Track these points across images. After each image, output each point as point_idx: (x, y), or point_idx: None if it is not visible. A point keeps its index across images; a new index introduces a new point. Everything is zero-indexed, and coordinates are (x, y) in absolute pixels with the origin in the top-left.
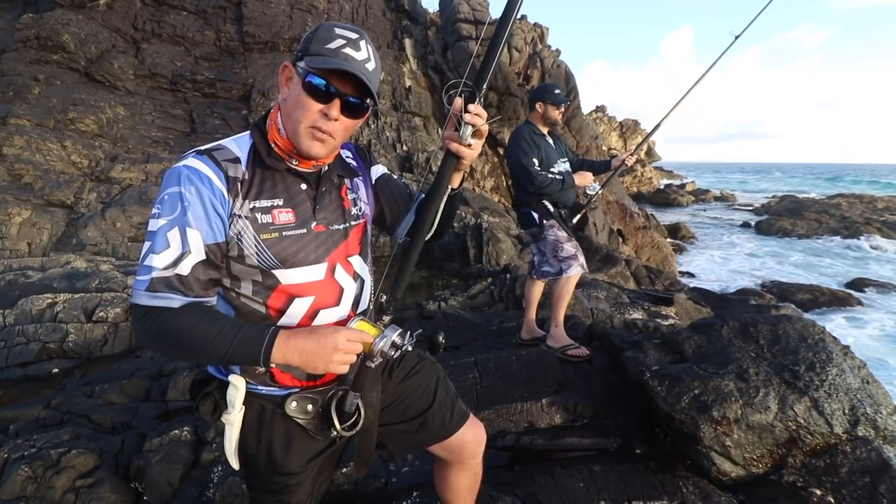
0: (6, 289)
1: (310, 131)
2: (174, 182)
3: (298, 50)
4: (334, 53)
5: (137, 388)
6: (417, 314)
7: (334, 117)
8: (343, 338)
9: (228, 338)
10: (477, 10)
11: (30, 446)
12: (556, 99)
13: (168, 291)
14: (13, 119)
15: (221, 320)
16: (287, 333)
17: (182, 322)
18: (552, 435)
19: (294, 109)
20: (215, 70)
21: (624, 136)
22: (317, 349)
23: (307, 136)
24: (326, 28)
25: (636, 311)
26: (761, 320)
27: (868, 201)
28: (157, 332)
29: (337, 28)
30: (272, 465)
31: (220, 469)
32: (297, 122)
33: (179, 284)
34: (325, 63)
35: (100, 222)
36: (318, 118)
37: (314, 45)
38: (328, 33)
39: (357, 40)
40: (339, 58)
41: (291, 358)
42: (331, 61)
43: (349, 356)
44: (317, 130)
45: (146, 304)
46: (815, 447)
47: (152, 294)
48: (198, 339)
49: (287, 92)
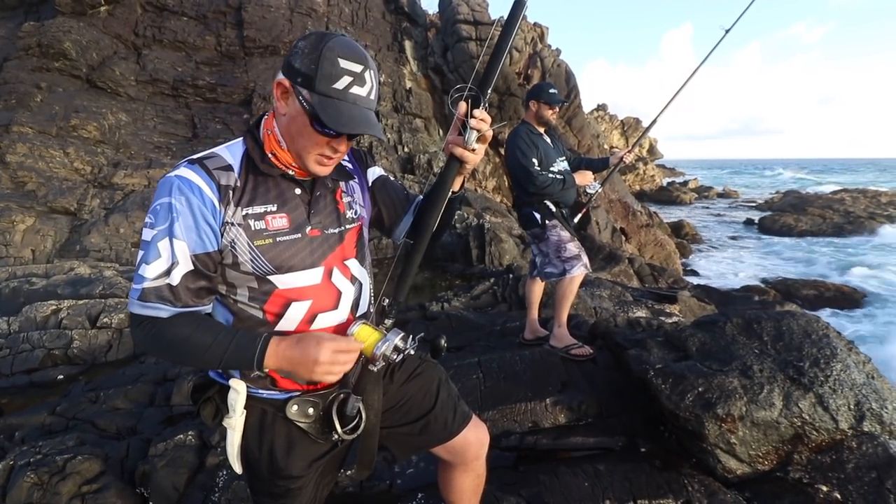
0: (11, 296)
1: (318, 158)
2: (166, 193)
3: (300, 72)
4: (342, 96)
5: (142, 393)
6: (420, 315)
7: (343, 150)
8: (327, 351)
9: (222, 347)
10: (476, 10)
11: (35, 453)
12: (550, 99)
13: (158, 302)
14: (16, 127)
15: (215, 329)
16: (277, 340)
17: (175, 331)
18: (556, 435)
19: (299, 137)
20: (216, 75)
21: (625, 135)
22: (301, 361)
23: (315, 163)
24: (330, 60)
25: (640, 309)
26: (765, 317)
27: (872, 196)
28: (151, 339)
29: (341, 59)
30: (274, 469)
31: (225, 473)
32: (303, 150)
33: (169, 294)
34: (336, 124)
35: (103, 228)
36: (326, 149)
37: (319, 82)
38: (333, 68)
39: (362, 73)
40: (348, 100)
41: (282, 365)
42: (342, 120)
43: (335, 368)
44: (325, 158)
45: (139, 314)
46: (820, 443)
47: (143, 304)
48: (192, 348)
49: (286, 109)
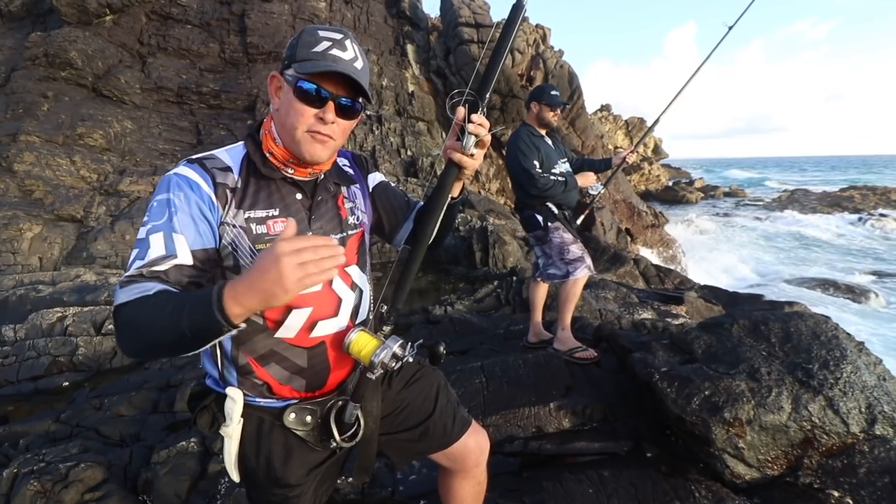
0: (17, 304)
1: (309, 135)
2: (164, 189)
3: (285, 58)
4: (321, 56)
5: (146, 399)
6: (424, 319)
7: (331, 120)
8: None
9: (179, 306)
10: (478, 13)
11: (39, 460)
12: (551, 101)
13: (144, 282)
14: (23, 136)
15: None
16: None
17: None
18: (561, 439)
19: (288, 117)
20: (220, 81)
21: (630, 135)
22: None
23: (307, 141)
24: (310, 32)
25: (645, 310)
26: (772, 318)
27: (881, 192)
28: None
29: (320, 30)
30: (272, 477)
31: (227, 480)
32: (293, 129)
33: (158, 279)
34: (315, 67)
35: (109, 235)
36: (315, 122)
37: (300, 51)
38: (312, 37)
39: (342, 40)
40: (328, 60)
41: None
42: (320, 65)
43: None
44: (316, 133)
45: (122, 301)
46: (831, 447)
47: (129, 288)
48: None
49: (279, 101)
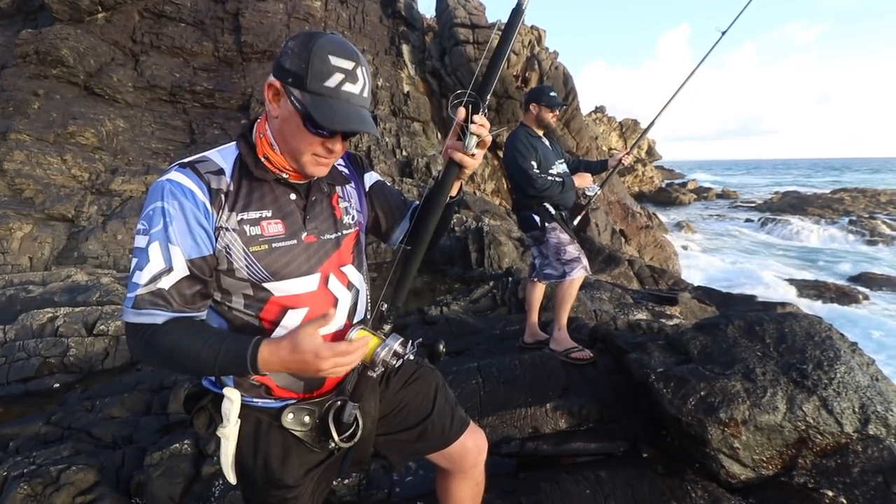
0: (7, 304)
1: (314, 159)
2: (157, 197)
3: (291, 72)
4: (335, 94)
5: (138, 401)
6: (420, 319)
7: (338, 150)
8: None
9: (212, 352)
10: (473, 14)
11: (29, 463)
12: (550, 102)
13: (152, 308)
14: (13, 134)
15: (205, 334)
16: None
17: (167, 338)
18: (557, 440)
19: (293, 139)
20: (214, 80)
21: (624, 136)
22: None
23: (311, 164)
24: (321, 58)
25: (640, 311)
26: (767, 319)
27: (871, 195)
28: (145, 348)
29: (332, 56)
30: (269, 478)
31: (221, 483)
32: (297, 152)
33: (162, 301)
34: (330, 122)
35: (101, 235)
36: (322, 150)
37: (311, 81)
38: (324, 66)
39: (354, 70)
40: (341, 98)
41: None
42: (335, 119)
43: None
44: (321, 157)
45: (133, 322)
46: (825, 447)
47: (138, 311)
48: (183, 354)
49: (278, 111)
